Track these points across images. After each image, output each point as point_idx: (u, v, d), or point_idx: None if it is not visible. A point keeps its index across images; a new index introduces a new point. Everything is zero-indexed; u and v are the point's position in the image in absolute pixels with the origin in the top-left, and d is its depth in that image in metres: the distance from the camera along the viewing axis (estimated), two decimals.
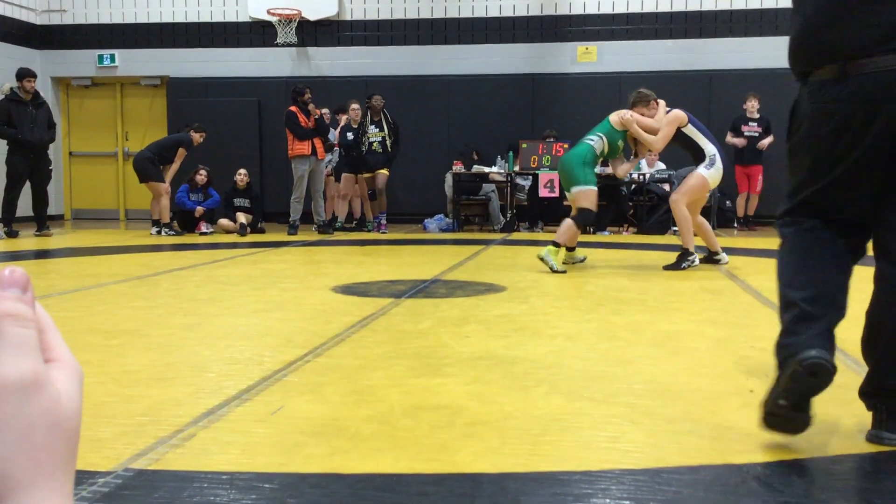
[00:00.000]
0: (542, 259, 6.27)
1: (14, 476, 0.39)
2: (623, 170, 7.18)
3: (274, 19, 12.76)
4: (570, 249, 6.72)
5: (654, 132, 6.58)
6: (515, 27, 12.73)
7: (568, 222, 6.46)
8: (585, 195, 6.60)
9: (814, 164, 2.27)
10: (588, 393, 2.79)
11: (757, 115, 10.97)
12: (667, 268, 6.44)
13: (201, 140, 10.59)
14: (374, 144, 10.62)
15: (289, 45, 12.91)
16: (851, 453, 2.18)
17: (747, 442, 2.28)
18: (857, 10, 2.13)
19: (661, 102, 6.86)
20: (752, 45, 12.20)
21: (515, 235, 10.38)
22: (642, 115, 6.75)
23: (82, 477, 1.99)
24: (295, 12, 12.64)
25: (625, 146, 6.97)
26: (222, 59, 13.18)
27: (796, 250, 2.32)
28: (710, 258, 6.73)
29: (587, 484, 1.98)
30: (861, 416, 2.52)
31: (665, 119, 6.59)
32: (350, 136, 10.63)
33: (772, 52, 12.10)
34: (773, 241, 6.71)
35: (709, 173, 6.40)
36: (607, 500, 1.88)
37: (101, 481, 1.97)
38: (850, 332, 3.80)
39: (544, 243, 9.44)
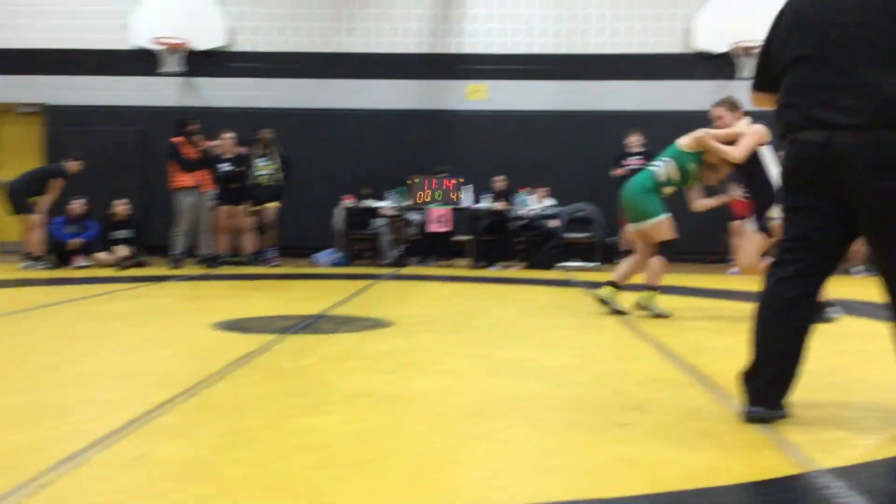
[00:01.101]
0: (604, 302, 5.87)
1: None
2: (702, 205, 6.18)
3: (159, 48, 12.46)
4: (620, 288, 5.99)
5: (732, 142, 5.63)
6: (408, 64, 12.86)
7: (656, 262, 5.84)
8: (660, 227, 5.84)
9: None
10: (469, 430, 2.78)
11: (639, 149, 11.34)
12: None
13: (79, 169, 10.18)
14: (263, 178, 10.47)
15: (175, 74, 12.61)
16: (715, 486, 2.24)
17: (619, 476, 2.31)
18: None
19: (746, 118, 5.87)
20: (633, 88, 12.69)
21: (406, 270, 10.38)
22: (721, 118, 5.88)
23: None
24: (181, 42, 12.39)
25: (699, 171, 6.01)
26: (105, 87, 12.74)
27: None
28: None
29: None
30: (726, 449, 2.60)
31: (749, 129, 5.65)
32: (227, 167, 10.41)
33: (651, 96, 12.65)
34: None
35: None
36: None
37: None
38: (721, 364, 3.96)
39: (435, 278, 9.52)
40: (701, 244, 12.21)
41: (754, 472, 2.37)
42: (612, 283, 5.96)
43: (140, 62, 12.76)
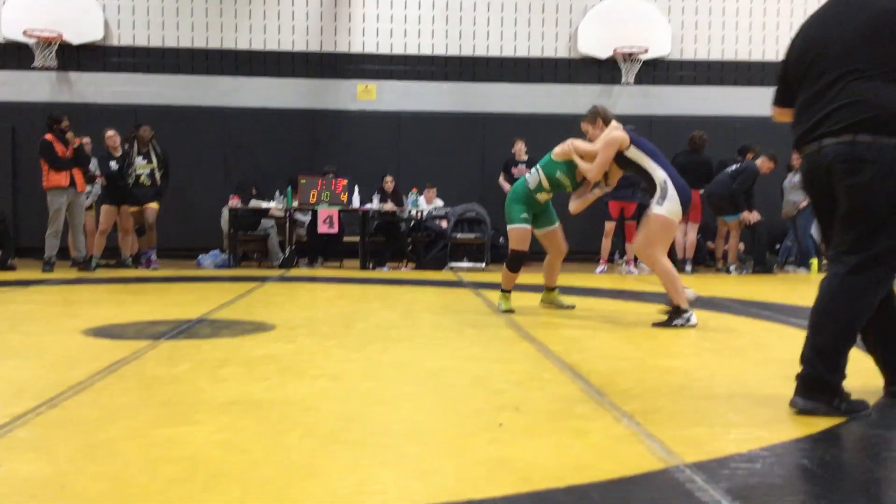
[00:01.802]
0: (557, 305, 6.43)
1: None
2: (573, 206, 6.22)
3: (31, 41, 11.86)
4: (552, 290, 6.51)
5: (593, 158, 5.78)
6: (295, 62, 12.68)
7: (503, 267, 6.27)
8: (513, 234, 6.20)
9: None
10: (343, 436, 2.74)
11: (525, 157, 11.58)
12: (657, 325, 5.45)
13: None
14: (142, 177, 10.13)
15: (48, 68, 12.03)
16: (582, 483, 2.28)
17: (490, 476, 2.32)
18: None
19: (613, 123, 5.88)
20: (521, 90, 12.91)
21: (294, 272, 10.22)
22: (587, 133, 5.99)
23: None
24: (55, 35, 11.83)
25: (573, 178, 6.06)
26: None
27: None
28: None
29: None
30: (596, 446, 2.66)
31: (600, 142, 5.75)
32: (113, 164, 10.04)
33: (539, 98, 12.89)
34: (537, 277, 6.94)
35: (664, 208, 5.45)
36: None
37: None
38: (596, 362, 4.05)
39: (324, 280, 9.41)
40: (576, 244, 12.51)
41: (621, 468, 2.42)
42: (547, 288, 6.54)
43: (11, 56, 12.13)
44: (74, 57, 12.22)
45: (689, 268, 10.84)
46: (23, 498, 2.13)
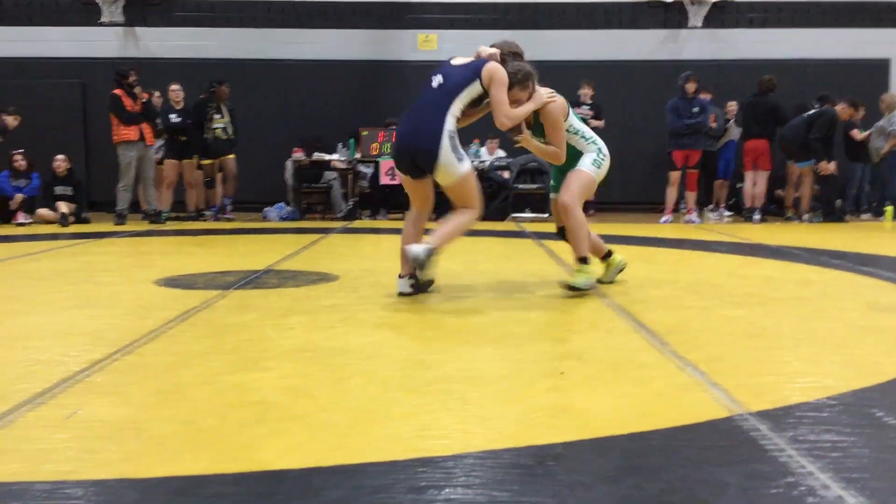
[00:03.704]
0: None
1: None
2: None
3: None
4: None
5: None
6: (356, 13, 12.63)
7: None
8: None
9: None
10: (405, 382, 2.79)
11: (590, 101, 11.39)
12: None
13: (16, 124, 9.87)
14: (218, 131, 10.37)
15: (115, 24, 12.23)
16: (644, 430, 2.28)
17: (550, 423, 2.34)
18: None
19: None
20: (584, 37, 12.64)
21: (357, 223, 10.32)
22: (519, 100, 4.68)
23: None
24: None
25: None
26: (42, 38, 12.33)
27: None
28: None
29: (390, 474, 1.97)
30: (658, 395, 2.65)
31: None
32: (175, 118, 10.23)
33: (602, 45, 12.62)
34: (601, 227, 6.93)
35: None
36: (407, 490, 1.88)
37: None
38: (659, 312, 4.02)
39: (387, 231, 9.48)
40: (640, 194, 12.35)
41: (684, 416, 2.41)
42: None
43: (79, 12, 12.35)
44: (140, 12, 12.39)
45: (757, 217, 10.60)
46: (101, 439, 2.23)
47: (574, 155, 4.76)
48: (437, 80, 4.49)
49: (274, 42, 12.48)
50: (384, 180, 10.67)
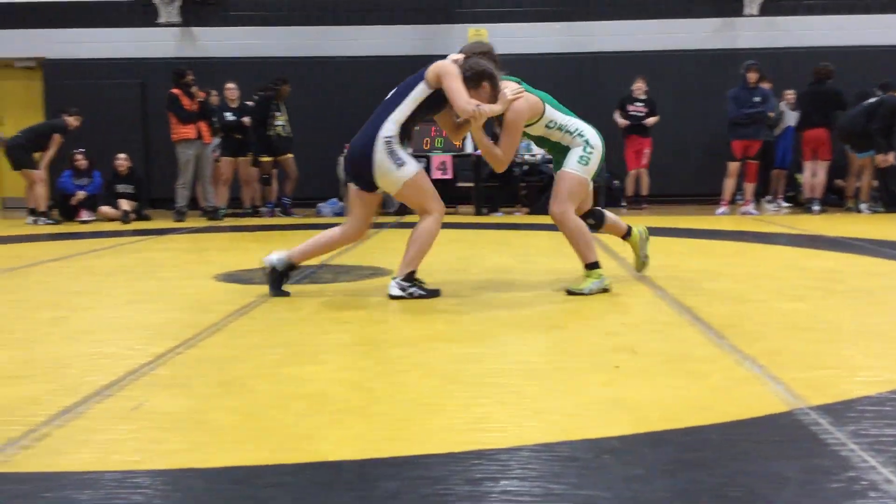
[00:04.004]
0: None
1: None
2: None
3: None
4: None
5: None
6: (406, 9, 12.68)
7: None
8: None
9: None
10: (459, 375, 2.81)
11: (643, 96, 11.27)
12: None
13: (77, 125, 10.15)
14: (279, 128, 10.56)
15: (172, 24, 12.48)
16: (701, 424, 2.27)
17: (606, 417, 2.34)
18: None
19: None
20: (636, 27, 12.50)
21: (409, 218, 10.36)
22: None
23: None
24: None
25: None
26: (102, 39, 12.64)
27: None
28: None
29: (446, 466, 2.00)
30: (715, 388, 2.63)
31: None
32: (230, 116, 10.40)
33: (654, 34, 12.46)
34: (656, 220, 6.88)
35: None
36: (464, 482, 1.90)
37: None
38: (716, 305, 3.97)
39: None
40: (695, 186, 12.18)
41: (742, 410, 2.39)
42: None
43: (137, 13, 12.63)
44: (197, 12, 12.61)
45: (816, 207, 10.38)
46: (165, 430, 2.30)
47: (563, 150, 4.49)
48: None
49: (326, 39, 12.60)
50: (436, 175, 10.69)
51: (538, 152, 11.28)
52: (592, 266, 4.41)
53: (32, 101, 12.94)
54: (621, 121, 11.23)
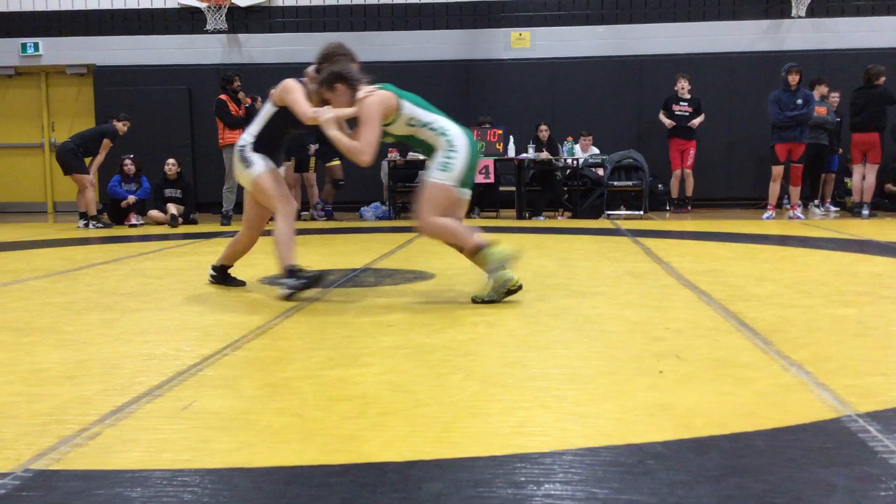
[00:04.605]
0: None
1: None
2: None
3: (203, 5, 12.53)
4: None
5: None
6: (448, 13, 12.73)
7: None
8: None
9: None
10: (502, 379, 2.82)
11: (688, 96, 11.18)
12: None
13: (126, 130, 10.36)
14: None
15: (219, 31, 12.69)
16: (747, 431, 2.25)
17: (650, 422, 2.33)
18: None
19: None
20: (680, 30, 12.40)
21: None
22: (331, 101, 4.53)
23: None
24: None
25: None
26: (150, 46, 12.91)
27: None
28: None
29: (489, 469, 2.01)
30: (761, 395, 2.60)
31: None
32: None
33: (699, 37, 12.34)
34: (701, 224, 6.83)
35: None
36: (507, 485, 1.91)
37: None
38: (762, 311, 3.93)
39: (480, 230, 9.46)
40: (741, 190, 12.03)
41: (788, 417, 2.36)
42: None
43: (185, 20, 12.86)
44: (243, 19, 12.81)
45: (866, 212, 10.18)
46: (214, 430, 2.34)
47: (432, 150, 4.41)
48: None
49: (368, 45, 12.70)
50: (478, 179, 10.70)
51: (581, 156, 11.24)
52: (480, 248, 4.28)
53: (83, 106, 13.26)
54: (667, 121, 11.15)
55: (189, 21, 12.83)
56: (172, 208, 10.36)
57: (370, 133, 4.27)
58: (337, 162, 10.89)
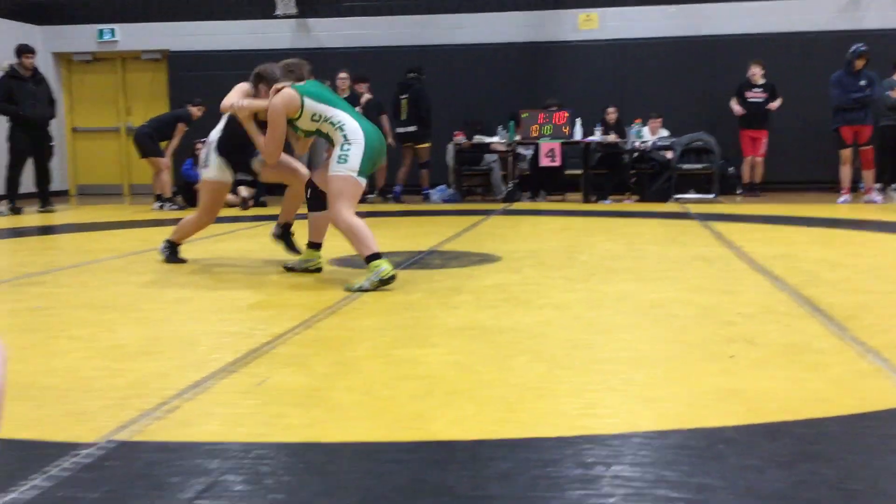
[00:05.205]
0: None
1: None
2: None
3: None
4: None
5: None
6: None
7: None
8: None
9: None
10: (569, 361, 2.82)
11: (761, 81, 10.90)
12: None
13: (200, 115, 10.59)
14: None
15: (288, 16, 12.84)
16: (820, 417, 2.21)
17: (720, 406, 2.31)
18: None
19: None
20: (753, 9, 12.07)
21: (517, 205, 10.37)
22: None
23: (66, 448, 2.04)
24: None
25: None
26: (222, 31, 13.14)
27: None
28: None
29: (557, 449, 2.02)
30: (835, 381, 2.55)
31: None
32: None
33: (772, 16, 11.99)
34: (774, 208, 6.69)
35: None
36: (575, 465, 1.91)
37: (84, 453, 2.02)
38: (837, 296, 3.83)
39: (546, 213, 9.50)
40: (816, 173, 11.69)
41: (864, 403, 2.32)
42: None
43: (256, 6, 13.05)
44: (312, 4, 12.93)
45: None
46: (287, 405, 2.40)
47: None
48: None
49: (435, 28, 12.70)
50: (544, 162, 10.65)
51: (649, 139, 11.07)
52: (371, 258, 4.31)
53: (158, 91, 13.59)
54: (737, 108, 10.89)
55: (259, 6, 13.00)
56: (244, 191, 10.56)
57: (272, 131, 4.61)
58: (428, 144, 10.97)
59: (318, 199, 4.77)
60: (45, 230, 8.40)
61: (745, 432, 2.11)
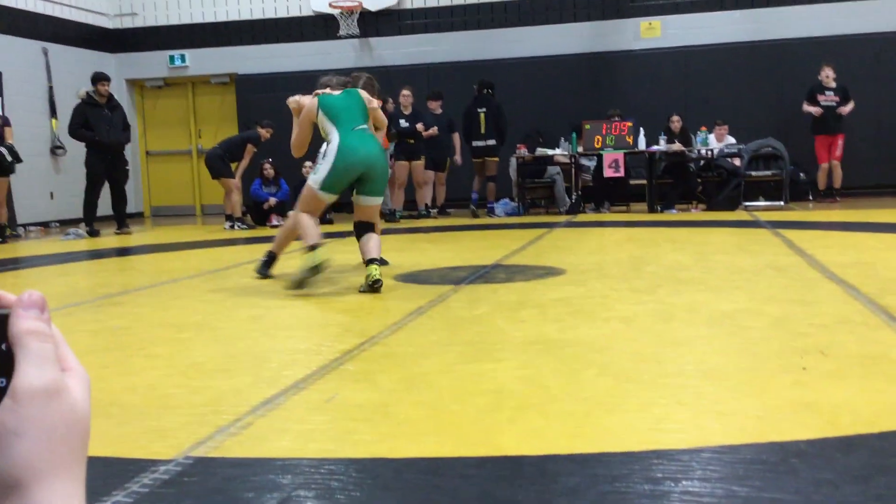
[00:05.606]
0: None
1: (39, 467, 0.46)
2: None
3: (336, 12, 12.93)
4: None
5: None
6: (576, 6, 12.61)
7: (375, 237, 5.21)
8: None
9: None
10: (637, 375, 2.80)
11: (833, 84, 10.63)
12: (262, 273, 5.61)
13: (269, 136, 10.83)
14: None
15: (351, 36, 13.06)
16: (889, 430, 2.15)
17: (793, 420, 2.27)
18: None
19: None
20: (822, 11, 11.80)
21: (581, 217, 10.32)
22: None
23: (145, 465, 2.12)
24: (356, 4, 12.80)
25: None
26: (287, 54, 13.43)
27: None
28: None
29: (626, 465, 2.01)
30: None
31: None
32: (403, 123, 10.73)
33: (842, 19, 11.70)
34: (848, 214, 6.53)
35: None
36: (644, 480, 1.91)
37: (163, 469, 2.09)
38: None
39: (611, 224, 9.42)
40: (889, 177, 11.33)
41: None
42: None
43: (320, 27, 13.31)
44: (374, 23, 13.14)
45: None
46: (356, 421, 2.45)
47: None
48: None
49: (496, 42, 12.75)
50: (608, 173, 10.58)
51: (715, 146, 10.90)
52: (309, 249, 4.86)
53: (227, 114, 13.95)
54: (814, 108, 10.58)
55: (323, 28, 13.26)
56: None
57: (296, 129, 5.45)
58: (497, 158, 10.98)
59: (363, 227, 5.25)
60: (122, 251, 8.69)
61: (819, 446, 2.07)
